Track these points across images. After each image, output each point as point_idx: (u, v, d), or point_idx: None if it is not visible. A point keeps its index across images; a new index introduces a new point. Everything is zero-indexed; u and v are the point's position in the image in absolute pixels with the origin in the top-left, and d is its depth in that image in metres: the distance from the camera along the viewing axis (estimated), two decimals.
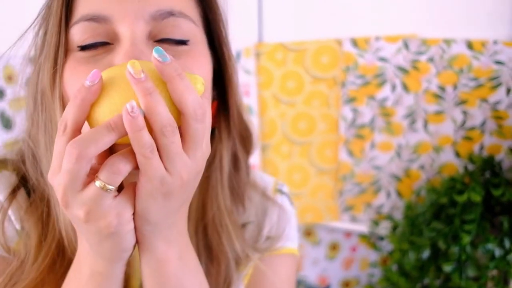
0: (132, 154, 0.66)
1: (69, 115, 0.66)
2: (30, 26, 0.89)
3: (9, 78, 1.97)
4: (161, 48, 0.66)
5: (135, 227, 0.72)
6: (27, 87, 0.92)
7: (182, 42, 0.81)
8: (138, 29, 0.77)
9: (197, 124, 0.67)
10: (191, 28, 0.83)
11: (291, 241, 1.13)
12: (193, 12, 0.85)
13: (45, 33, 0.84)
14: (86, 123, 0.69)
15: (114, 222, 0.68)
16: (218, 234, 1.00)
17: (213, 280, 1.00)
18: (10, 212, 0.92)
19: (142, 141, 0.63)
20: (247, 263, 1.04)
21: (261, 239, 1.10)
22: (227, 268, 1.01)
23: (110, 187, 0.65)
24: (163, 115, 0.64)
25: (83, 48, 0.79)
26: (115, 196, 0.68)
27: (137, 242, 0.75)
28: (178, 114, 0.68)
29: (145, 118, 0.65)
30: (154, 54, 0.66)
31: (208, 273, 0.99)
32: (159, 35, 0.80)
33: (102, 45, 0.79)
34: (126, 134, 0.64)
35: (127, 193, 0.70)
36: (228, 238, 1.00)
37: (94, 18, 0.78)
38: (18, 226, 0.92)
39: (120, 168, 0.65)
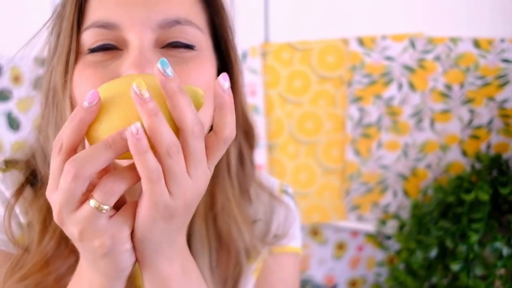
0: (127, 172, 0.66)
1: (65, 135, 0.65)
2: (43, 26, 0.91)
3: (16, 79, 1.97)
4: (166, 61, 0.65)
5: (134, 247, 0.72)
6: (40, 85, 0.94)
7: (188, 47, 0.83)
8: (146, 38, 0.78)
9: (195, 141, 0.66)
10: (197, 35, 0.84)
11: (296, 240, 1.16)
12: (200, 18, 0.87)
13: (59, 36, 0.86)
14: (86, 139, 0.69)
15: (108, 243, 0.67)
16: (227, 224, 1.02)
17: (223, 267, 1.02)
18: (16, 206, 0.94)
19: (148, 164, 0.63)
20: (257, 257, 1.06)
21: (270, 236, 1.12)
22: (237, 256, 1.03)
23: (105, 207, 0.64)
24: (168, 135, 0.63)
25: (93, 50, 0.80)
26: (112, 215, 0.68)
27: (137, 260, 0.75)
28: (176, 130, 0.67)
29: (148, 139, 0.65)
30: (158, 65, 0.64)
31: (218, 260, 1.02)
32: (166, 41, 0.81)
33: (110, 50, 0.80)
34: (124, 152, 0.64)
35: (125, 213, 0.69)
36: (237, 228, 1.02)
37: (104, 25, 0.79)
38: (22, 219, 0.95)
39: (113, 188, 0.64)
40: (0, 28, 1.96)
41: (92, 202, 0.64)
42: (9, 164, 0.99)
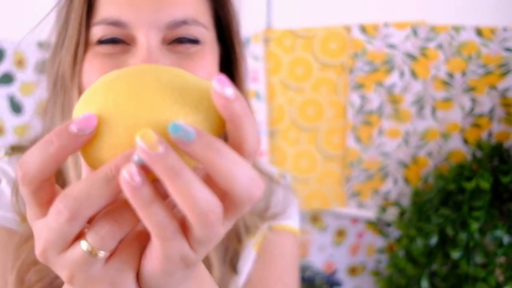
0: (132, 211, 0.49)
1: (35, 163, 0.48)
2: (49, 12, 0.92)
3: (19, 63, 1.97)
4: (178, 124, 0.47)
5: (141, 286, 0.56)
6: (44, 69, 0.96)
7: (193, 41, 0.85)
8: (153, 38, 0.81)
9: (250, 205, 0.50)
10: (202, 33, 0.87)
11: (294, 222, 1.19)
12: (206, 16, 0.91)
13: (66, 26, 0.88)
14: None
15: None
16: None
17: (224, 236, 1.04)
18: None
19: (155, 220, 0.48)
20: (256, 231, 1.09)
21: (269, 213, 1.15)
22: (237, 228, 1.06)
23: (101, 252, 0.50)
24: (203, 200, 0.46)
25: (102, 42, 0.83)
26: (110, 255, 0.52)
27: None
28: (220, 125, 0.51)
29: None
30: (173, 135, 0.46)
31: None
32: (172, 38, 0.84)
33: (119, 43, 0.83)
34: None
35: (128, 251, 0.53)
36: None
37: (113, 23, 0.82)
38: None
39: (113, 231, 0.49)
40: (3, 12, 1.96)
41: (84, 245, 0.50)
42: (15, 149, 1.04)
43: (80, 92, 0.86)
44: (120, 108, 0.48)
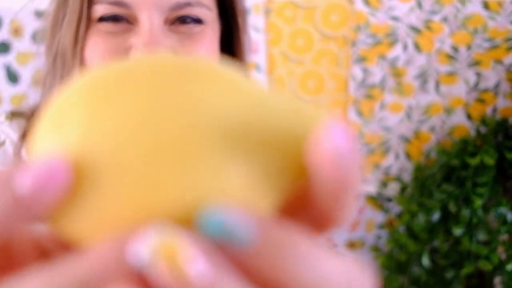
0: None
1: None
2: None
3: (16, 32, 1.95)
4: (214, 221, 0.23)
5: None
6: (46, 46, 0.96)
7: (196, 21, 0.85)
8: (156, 20, 0.80)
9: None
10: (205, 14, 0.86)
11: None
12: None
13: (67, 2, 0.88)
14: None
15: None
16: None
17: None
18: (22, 149, 0.98)
19: None
20: None
21: None
22: None
23: None
24: None
25: (104, 19, 0.82)
26: None
27: None
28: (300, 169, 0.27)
29: None
30: (211, 237, 0.23)
31: None
32: (174, 18, 0.83)
33: (121, 22, 0.82)
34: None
35: None
36: None
37: (116, 3, 0.81)
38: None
39: None
40: None
41: None
42: (15, 114, 1.03)
43: (82, 69, 0.85)
44: (119, 153, 0.24)
